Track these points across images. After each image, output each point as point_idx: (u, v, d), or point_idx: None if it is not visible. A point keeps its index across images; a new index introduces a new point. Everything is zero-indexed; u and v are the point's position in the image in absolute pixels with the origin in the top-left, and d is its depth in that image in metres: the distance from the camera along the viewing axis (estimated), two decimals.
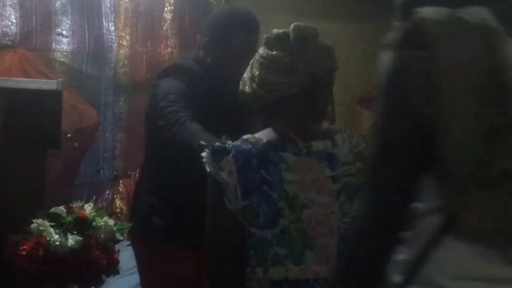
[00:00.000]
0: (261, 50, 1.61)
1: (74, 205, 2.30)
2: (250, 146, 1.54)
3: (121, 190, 3.90)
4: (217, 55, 2.28)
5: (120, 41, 4.05)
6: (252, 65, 1.63)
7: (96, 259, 2.19)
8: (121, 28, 4.05)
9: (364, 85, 4.32)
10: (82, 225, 2.19)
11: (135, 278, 2.50)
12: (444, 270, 1.04)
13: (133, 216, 2.48)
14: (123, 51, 4.05)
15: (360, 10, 4.45)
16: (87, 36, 3.93)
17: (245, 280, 1.50)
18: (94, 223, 2.22)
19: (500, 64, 1.00)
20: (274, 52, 1.56)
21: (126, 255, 2.45)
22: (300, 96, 1.56)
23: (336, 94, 1.70)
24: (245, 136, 1.58)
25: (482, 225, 1.01)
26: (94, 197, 2.58)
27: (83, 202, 2.31)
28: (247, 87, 1.62)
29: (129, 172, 3.96)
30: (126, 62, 4.06)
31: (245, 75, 1.66)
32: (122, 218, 3.70)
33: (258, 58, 1.61)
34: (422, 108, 1.01)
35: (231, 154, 1.51)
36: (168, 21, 4.16)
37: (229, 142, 1.58)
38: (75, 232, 2.16)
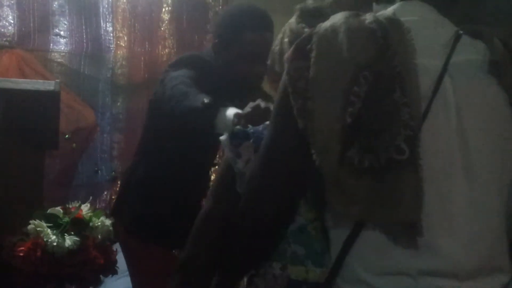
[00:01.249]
0: (294, 23, 1.43)
1: (71, 206, 2.30)
2: None
3: None
4: (228, 56, 2.14)
5: (118, 42, 4.04)
6: (283, 37, 1.44)
7: (93, 260, 2.19)
8: (118, 29, 4.05)
9: None
10: (79, 225, 2.20)
11: None
12: (368, 265, 1.07)
13: (121, 210, 2.40)
14: (121, 52, 4.05)
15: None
16: (84, 37, 3.94)
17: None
18: (91, 224, 2.23)
19: (374, 62, 1.03)
20: (306, 30, 1.35)
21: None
22: None
23: None
24: (268, 122, 1.43)
25: (375, 218, 1.04)
26: (91, 198, 2.58)
27: (79, 202, 2.32)
28: (276, 64, 1.43)
29: None
30: (124, 63, 4.05)
31: (274, 47, 1.47)
32: None
33: (289, 32, 1.43)
34: (299, 118, 1.06)
35: (251, 140, 1.38)
36: (166, 22, 4.16)
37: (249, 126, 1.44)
38: (72, 233, 2.16)
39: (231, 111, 1.77)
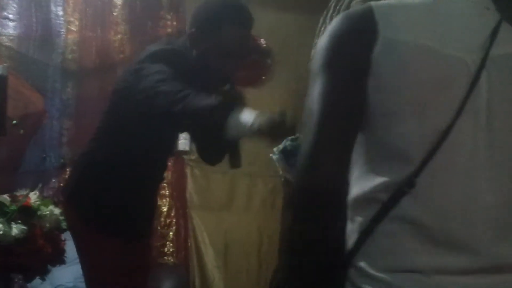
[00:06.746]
0: None
1: (18, 194, 2.26)
2: None
3: None
4: (204, 49, 2.11)
5: (69, 26, 3.96)
6: None
7: (41, 249, 2.17)
8: (69, 12, 3.97)
9: None
10: (26, 214, 2.17)
11: None
12: (375, 262, 1.05)
13: (75, 198, 2.31)
14: (72, 36, 3.97)
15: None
16: (34, 20, 3.84)
17: None
18: (39, 212, 2.20)
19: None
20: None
21: (72, 244, 2.41)
22: None
23: (288, 84, 1.69)
24: None
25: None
26: (40, 185, 2.54)
27: (28, 190, 2.28)
28: None
29: None
30: (74, 47, 3.98)
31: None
32: None
33: None
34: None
35: None
36: (119, 6, 4.10)
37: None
38: (19, 221, 2.13)
39: (247, 116, 1.77)
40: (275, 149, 1.36)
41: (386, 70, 1.03)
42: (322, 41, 1.11)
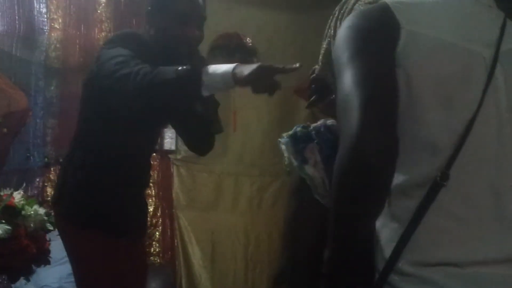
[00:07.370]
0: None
1: (2, 193, 2.23)
2: (334, 137, 1.32)
3: (52, 177, 3.80)
4: (160, 23, 2.17)
5: (52, 24, 3.93)
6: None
7: (25, 249, 2.14)
8: (53, 10, 3.93)
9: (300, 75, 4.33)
10: (10, 213, 2.14)
11: (67, 268, 2.43)
12: (404, 256, 1.04)
13: (60, 198, 2.28)
14: (55, 34, 3.94)
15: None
16: (17, 17, 3.79)
17: None
18: (23, 212, 2.17)
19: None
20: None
21: (57, 244, 2.38)
22: None
23: None
24: (329, 122, 1.39)
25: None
26: (24, 185, 2.50)
27: (12, 190, 2.25)
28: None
29: (60, 159, 3.85)
30: (58, 45, 3.95)
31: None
32: None
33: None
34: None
35: (315, 141, 1.34)
36: (103, 4, 4.08)
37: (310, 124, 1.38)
38: (3, 221, 2.10)
39: (218, 67, 1.80)
40: (284, 135, 1.37)
41: (411, 62, 1.05)
42: (343, 36, 1.12)
